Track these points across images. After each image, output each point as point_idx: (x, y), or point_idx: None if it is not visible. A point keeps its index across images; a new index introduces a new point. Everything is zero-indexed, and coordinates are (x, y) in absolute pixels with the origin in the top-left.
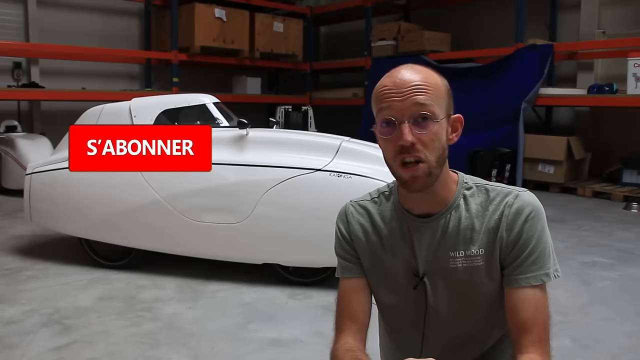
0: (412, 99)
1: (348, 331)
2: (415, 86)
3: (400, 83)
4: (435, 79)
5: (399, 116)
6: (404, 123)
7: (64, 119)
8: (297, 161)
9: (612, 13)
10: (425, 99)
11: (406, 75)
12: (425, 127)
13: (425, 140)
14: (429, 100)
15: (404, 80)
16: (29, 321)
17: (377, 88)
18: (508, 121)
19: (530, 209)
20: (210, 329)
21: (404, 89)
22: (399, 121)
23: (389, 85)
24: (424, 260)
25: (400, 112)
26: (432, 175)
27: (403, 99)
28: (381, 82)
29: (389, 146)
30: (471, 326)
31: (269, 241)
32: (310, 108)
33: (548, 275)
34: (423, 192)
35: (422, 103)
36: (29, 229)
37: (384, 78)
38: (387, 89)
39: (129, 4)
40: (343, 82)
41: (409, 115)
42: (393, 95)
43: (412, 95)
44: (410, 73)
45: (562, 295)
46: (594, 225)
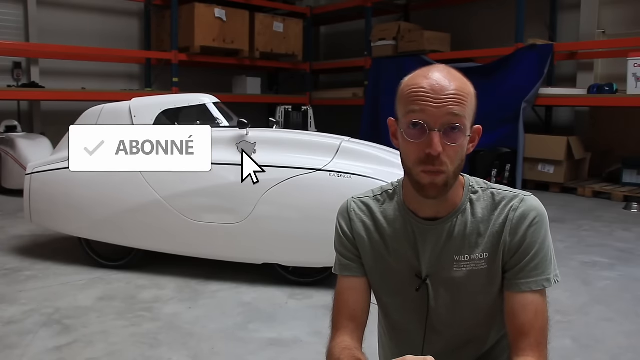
0: (448, 108)
1: (345, 330)
2: (453, 95)
3: (438, 89)
4: (469, 89)
5: (431, 122)
6: (434, 131)
7: (64, 119)
8: (297, 161)
9: (612, 13)
10: (460, 110)
11: (444, 81)
12: (455, 140)
13: (450, 152)
14: (463, 112)
15: (443, 87)
16: (29, 321)
17: (409, 86)
18: (508, 121)
19: (535, 214)
20: (210, 329)
21: (442, 95)
22: (430, 128)
23: (426, 88)
24: (428, 263)
25: (433, 118)
26: (448, 185)
27: (439, 107)
28: (415, 82)
29: (412, 150)
30: (471, 328)
31: (269, 241)
32: (310, 108)
33: (549, 281)
34: (436, 200)
35: (457, 114)
36: (29, 229)
37: (419, 78)
38: (423, 91)
39: (129, 4)
40: (343, 82)
41: (442, 123)
42: (429, 100)
43: (449, 105)
44: (448, 80)
45: (562, 295)
46: (594, 225)
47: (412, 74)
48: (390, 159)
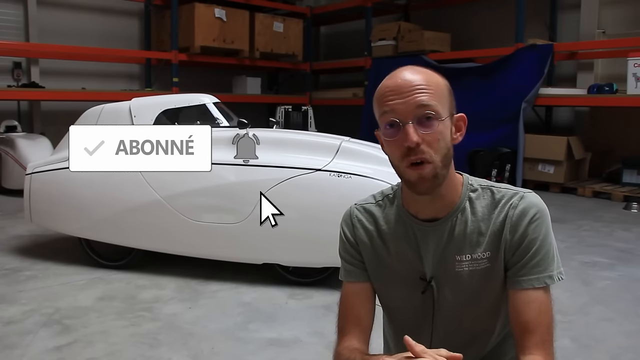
0: (415, 99)
1: (351, 334)
2: (417, 86)
3: (402, 84)
4: (436, 79)
5: (402, 118)
6: (408, 124)
7: (64, 119)
8: (297, 161)
9: (612, 13)
10: (428, 99)
11: (407, 76)
12: (430, 127)
13: (430, 140)
14: (432, 100)
15: (406, 81)
16: (29, 321)
17: (378, 91)
18: (508, 121)
19: (535, 210)
20: (210, 329)
21: (406, 90)
22: (403, 122)
23: (390, 87)
24: (431, 264)
25: (403, 113)
26: (438, 177)
27: (406, 100)
28: (382, 85)
29: (394, 148)
30: (476, 327)
31: (269, 241)
32: (310, 108)
33: (552, 278)
34: (430, 194)
35: (425, 103)
36: (29, 229)
37: (385, 80)
38: (389, 90)
39: (129, 4)
40: (343, 82)
41: (413, 116)
42: (395, 97)
43: (415, 96)
44: (410, 74)
45: (562, 295)
46: (594, 225)
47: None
48: None
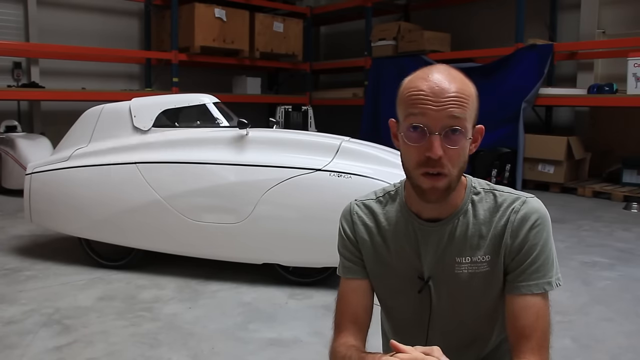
0: (447, 110)
1: (348, 331)
2: (453, 97)
3: (438, 91)
4: (470, 90)
5: (431, 126)
6: (435, 134)
7: (64, 119)
8: (297, 161)
9: (612, 13)
10: (461, 112)
11: (444, 83)
12: (456, 142)
13: (451, 155)
14: (464, 114)
15: (442, 89)
16: (28, 321)
17: (409, 89)
18: (508, 121)
19: (537, 216)
20: (210, 329)
21: (442, 98)
22: (430, 131)
23: (425, 90)
24: (430, 264)
25: (433, 122)
26: (450, 188)
27: (439, 110)
28: (415, 84)
29: (412, 153)
30: (473, 329)
31: (269, 241)
32: (310, 108)
33: (550, 284)
34: (439, 203)
35: (457, 117)
36: (29, 229)
37: (419, 80)
38: (423, 94)
39: (129, 4)
40: (343, 82)
41: (442, 126)
42: (429, 103)
43: (449, 107)
44: (448, 81)
45: (562, 295)
46: (594, 225)
47: (411, 76)
48: (390, 159)
